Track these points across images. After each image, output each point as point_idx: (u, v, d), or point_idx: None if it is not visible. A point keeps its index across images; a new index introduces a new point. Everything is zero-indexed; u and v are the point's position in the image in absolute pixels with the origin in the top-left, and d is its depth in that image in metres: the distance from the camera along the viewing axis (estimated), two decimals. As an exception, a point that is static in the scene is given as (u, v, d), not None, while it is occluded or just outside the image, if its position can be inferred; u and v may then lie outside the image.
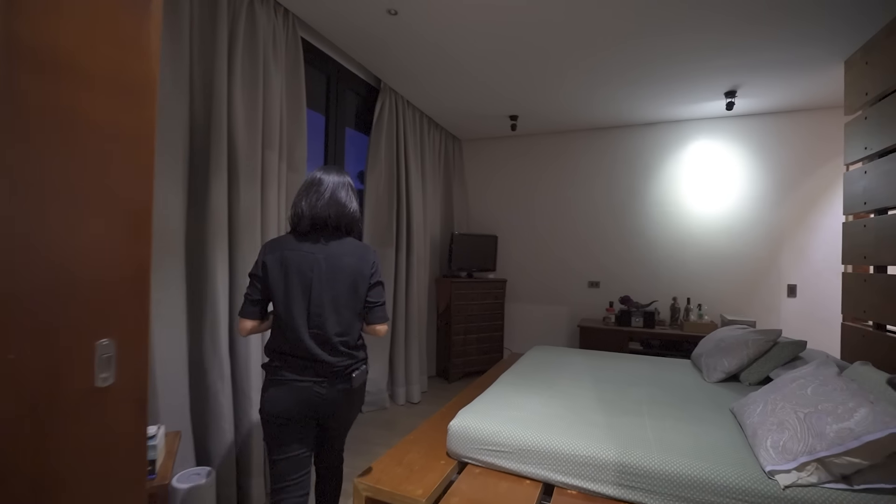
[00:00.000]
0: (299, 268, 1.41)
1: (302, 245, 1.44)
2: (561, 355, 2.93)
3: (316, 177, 1.51)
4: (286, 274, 1.40)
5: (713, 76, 3.18)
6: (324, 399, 1.41)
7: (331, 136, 3.01)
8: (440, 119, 4.23)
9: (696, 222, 4.11)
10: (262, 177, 2.10)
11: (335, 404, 1.43)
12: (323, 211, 1.45)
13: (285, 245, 1.45)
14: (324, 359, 1.39)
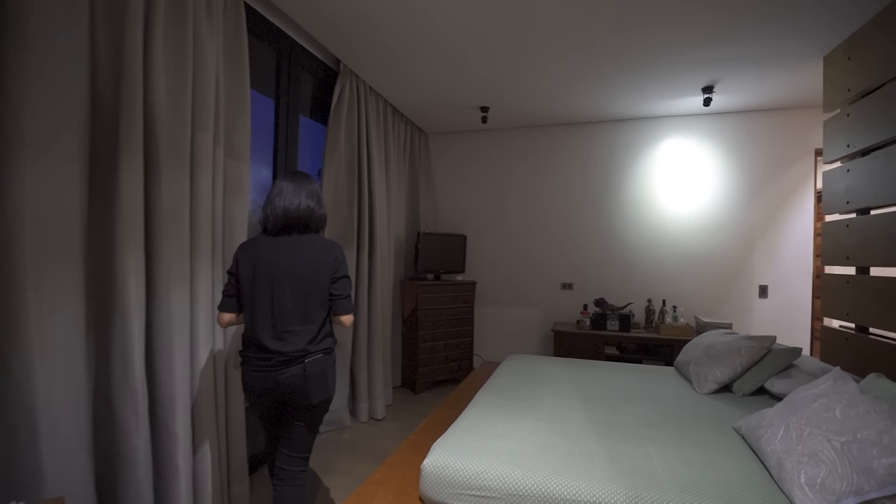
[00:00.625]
0: (266, 265, 1.56)
1: (271, 243, 1.60)
2: (539, 366, 2.70)
3: (285, 181, 1.65)
4: (255, 271, 1.56)
5: (692, 70, 3.04)
6: (281, 383, 1.54)
7: (281, 124, 2.64)
8: (406, 109, 3.91)
9: (671, 222, 4.01)
10: (193, 162, 1.72)
11: (291, 387, 1.54)
12: (294, 212, 1.60)
13: (258, 244, 1.60)
14: (278, 349, 1.53)
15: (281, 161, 2.62)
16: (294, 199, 1.61)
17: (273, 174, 2.62)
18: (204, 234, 1.76)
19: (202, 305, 1.75)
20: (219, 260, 1.88)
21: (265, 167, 2.63)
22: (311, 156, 3.13)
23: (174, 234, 1.62)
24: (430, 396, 3.76)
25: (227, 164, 1.94)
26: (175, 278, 1.62)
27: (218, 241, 1.87)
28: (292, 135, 2.71)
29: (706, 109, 3.76)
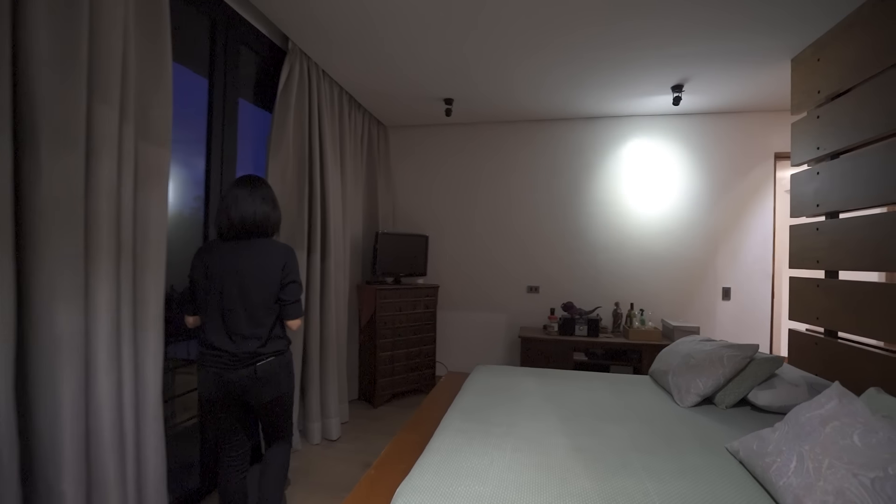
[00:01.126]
0: (219, 270, 1.62)
1: (224, 248, 1.65)
2: (509, 379, 2.48)
3: (239, 188, 1.67)
4: (207, 275, 1.62)
5: (662, 67, 2.94)
6: (233, 382, 1.62)
7: (217, 107, 2.27)
8: (363, 98, 3.60)
9: (637, 223, 3.93)
10: (89, 143, 1.36)
11: (243, 387, 1.63)
12: (250, 220, 1.65)
13: (212, 249, 1.66)
14: (228, 349, 1.61)
15: (217, 151, 2.25)
16: (250, 207, 1.65)
17: (207, 165, 2.25)
18: (106, 235, 1.40)
19: (103, 325, 1.38)
20: (127, 266, 1.51)
21: (201, 158, 2.26)
22: (254, 146, 2.76)
23: (61, 235, 1.26)
24: (390, 411, 3.47)
25: (139, 148, 1.58)
26: (61, 290, 1.25)
27: (127, 243, 1.51)
28: (230, 121, 2.35)
29: (673, 110, 3.70)
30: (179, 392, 2.27)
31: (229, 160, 2.32)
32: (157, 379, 1.62)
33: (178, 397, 2.26)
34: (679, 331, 3.42)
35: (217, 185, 2.25)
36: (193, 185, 2.27)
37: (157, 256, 1.64)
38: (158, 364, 1.63)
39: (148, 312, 1.60)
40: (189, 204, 2.30)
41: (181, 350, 2.27)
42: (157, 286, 1.64)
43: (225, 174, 2.29)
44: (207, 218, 2.21)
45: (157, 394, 1.63)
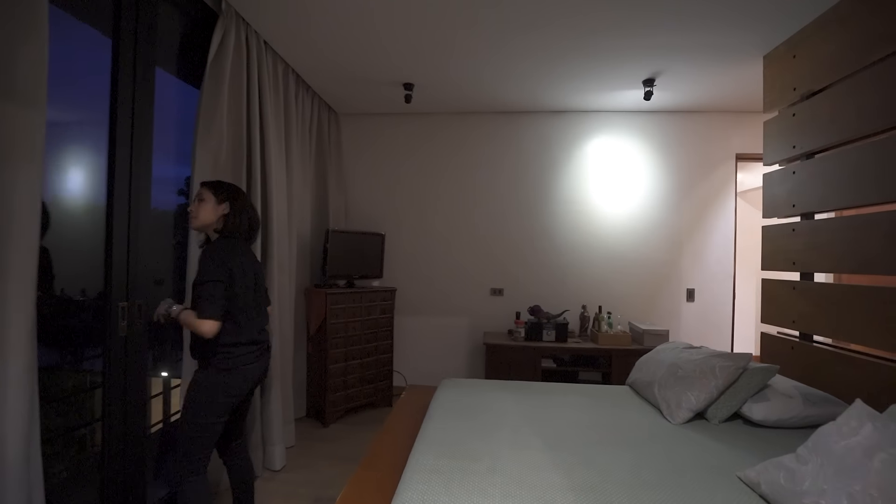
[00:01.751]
0: (248, 269, 1.72)
1: (246, 250, 1.76)
2: (481, 396, 2.21)
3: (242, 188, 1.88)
4: (245, 276, 1.69)
5: (635, 59, 2.81)
6: (263, 370, 1.79)
7: (124, 75, 1.80)
8: (313, 79, 3.20)
9: (604, 223, 3.80)
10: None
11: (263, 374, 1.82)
12: (258, 224, 1.86)
13: (240, 251, 1.72)
14: (265, 339, 1.81)
15: (124, 129, 1.79)
16: (257, 214, 1.87)
17: (111, 145, 1.78)
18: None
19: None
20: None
21: (102, 138, 1.79)
22: (176, 129, 2.31)
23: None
24: (343, 430, 3.10)
25: None
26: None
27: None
28: (144, 93, 1.89)
29: (641, 107, 3.60)
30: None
31: (142, 143, 1.86)
32: (24, 429, 1.19)
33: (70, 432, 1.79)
34: (648, 335, 3.31)
35: (125, 174, 1.78)
36: (97, 170, 1.81)
37: (24, 260, 1.20)
38: (26, 406, 1.19)
39: (8, 336, 1.17)
40: (101, 198, 1.83)
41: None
42: (24, 300, 1.20)
43: (136, 161, 1.83)
44: (110, 213, 1.74)
45: (20, 458, 1.20)
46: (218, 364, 1.62)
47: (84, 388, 1.84)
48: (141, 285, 1.84)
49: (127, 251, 1.78)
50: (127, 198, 1.78)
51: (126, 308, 1.77)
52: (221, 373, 1.62)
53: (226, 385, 1.62)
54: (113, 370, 1.74)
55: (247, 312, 1.68)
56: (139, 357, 1.86)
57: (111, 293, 1.72)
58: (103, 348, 1.75)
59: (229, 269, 1.60)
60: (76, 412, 1.83)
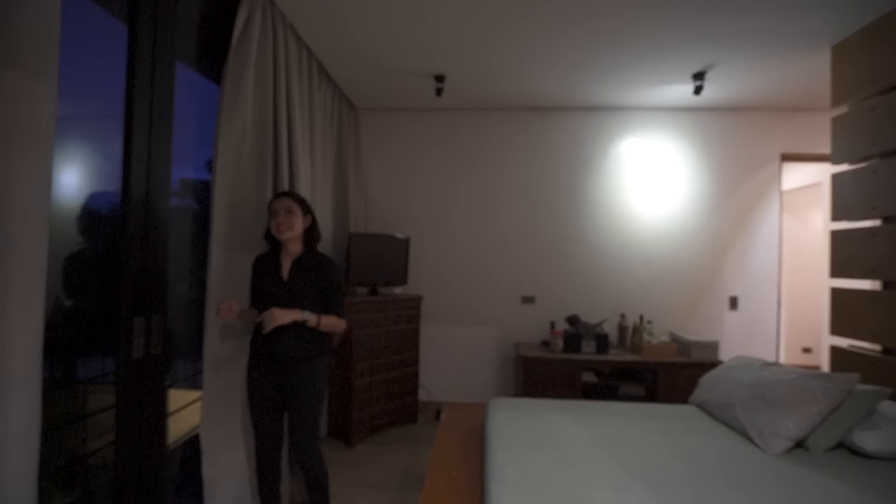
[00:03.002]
0: None
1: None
2: (539, 419, 1.96)
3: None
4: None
5: (686, 50, 2.59)
6: None
7: (141, 66, 1.53)
8: (335, 69, 2.95)
9: (641, 226, 3.58)
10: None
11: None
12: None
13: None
14: None
15: (142, 127, 1.51)
16: None
17: (127, 141, 1.51)
18: None
19: None
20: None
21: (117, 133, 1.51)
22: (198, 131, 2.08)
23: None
24: (370, 452, 2.83)
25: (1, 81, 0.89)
26: None
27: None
28: (164, 87, 1.62)
29: (683, 104, 3.38)
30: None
31: (160, 141, 1.60)
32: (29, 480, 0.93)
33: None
34: (696, 346, 3.08)
35: (142, 175, 1.52)
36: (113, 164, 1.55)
37: (30, 265, 0.95)
38: (29, 466, 0.93)
39: (13, 363, 0.91)
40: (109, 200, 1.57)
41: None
42: (30, 314, 0.95)
43: (155, 161, 1.57)
44: (125, 219, 1.48)
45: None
46: (328, 351, 1.90)
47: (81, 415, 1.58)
48: (158, 297, 1.58)
49: (142, 259, 1.52)
50: (144, 200, 1.52)
51: (142, 325, 1.51)
52: (329, 357, 1.92)
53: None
54: (126, 394, 1.48)
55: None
56: (156, 379, 1.59)
57: (124, 307, 1.45)
58: (115, 371, 1.48)
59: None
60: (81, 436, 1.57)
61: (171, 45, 1.65)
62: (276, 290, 1.79)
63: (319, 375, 1.84)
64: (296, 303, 1.75)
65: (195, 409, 2.01)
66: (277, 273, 1.83)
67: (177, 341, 2.00)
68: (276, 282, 1.81)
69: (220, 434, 1.88)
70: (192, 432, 1.98)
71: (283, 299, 1.76)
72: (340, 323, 1.85)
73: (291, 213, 1.80)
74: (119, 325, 1.45)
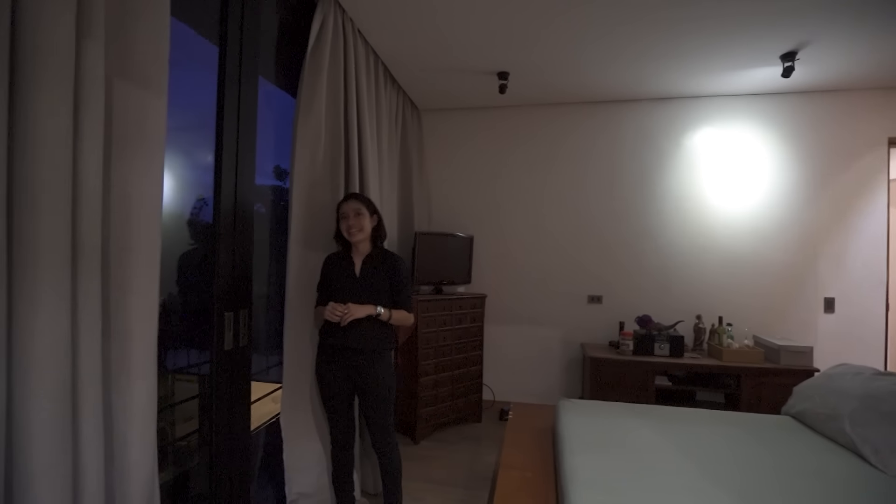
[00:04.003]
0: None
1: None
2: (614, 422, 1.89)
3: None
4: None
5: (774, 28, 2.37)
6: None
7: (230, 82, 1.64)
8: (398, 71, 3.01)
9: (719, 222, 3.34)
10: (78, 85, 0.79)
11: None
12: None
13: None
14: None
15: (230, 139, 1.63)
16: None
17: (218, 155, 1.63)
18: (55, 229, 0.81)
19: (46, 379, 0.79)
20: (94, 273, 0.92)
21: (206, 148, 1.64)
22: (275, 143, 2.21)
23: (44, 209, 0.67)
24: (435, 448, 2.87)
25: (127, 94, 0.99)
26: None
27: (87, 237, 0.91)
28: (248, 99, 1.73)
29: (768, 89, 3.12)
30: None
31: (246, 151, 1.71)
32: (150, 464, 1.02)
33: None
34: (786, 352, 2.82)
35: (230, 183, 1.64)
36: (196, 181, 1.69)
37: (146, 263, 1.04)
38: (149, 438, 1.03)
39: (131, 352, 1.00)
40: (190, 204, 1.72)
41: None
42: (147, 309, 1.04)
43: (242, 170, 1.69)
44: (216, 223, 1.60)
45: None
46: (393, 346, 1.91)
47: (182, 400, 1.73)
48: (245, 294, 1.69)
49: (232, 258, 1.63)
50: (232, 205, 1.63)
51: (232, 319, 1.62)
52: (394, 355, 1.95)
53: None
54: (219, 382, 1.59)
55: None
56: (244, 369, 1.71)
57: (218, 302, 1.57)
58: (210, 361, 1.61)
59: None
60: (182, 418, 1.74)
61: (255, 62, 1.76)
62: (350, 287, 1.85)
63: (388, 367, 1.89)
64: (369, 298, 1.82)
65: (264, 400, 2.14)
66: (350, 270, 1.89)
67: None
68: (349, 279, 1.87)
69: (299, 423, 1.98)
70: (262, 422, 2.13)
71: (357, 295, 1.82)
72: (409, 317, 1.91)
73: (360, 216, 1.86)
74: (213, 320, 1.57)
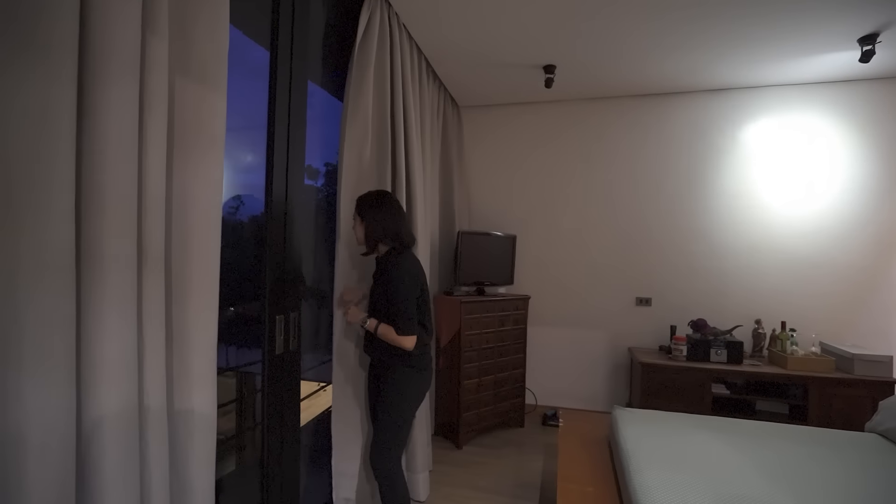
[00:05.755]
0: (423, 278, 1.80)
1: (415, 259, 1.80)
2: (681, 435, 1.76)
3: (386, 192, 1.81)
4: (426, 285, 1.80)
5: (853, 9, 2.16)
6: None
7: (281, 86, 1.60)
8: (441, 66, 2.94)
9: (779, 221, 3.12)
10: (144, 79, 0.76)
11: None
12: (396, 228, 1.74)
13: (414, 262, 1.77)
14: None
15: (281, 141, 1.60)
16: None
17: (269, 159, 1.59)
18: (121, 226, 0.77)
19: (101, 392, 0.76)
20: (158, 279, 0.88)
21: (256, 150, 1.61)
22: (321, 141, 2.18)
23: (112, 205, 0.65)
24: (477, 453, 2.79)
25: (185, 89, 0.95)
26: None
27: (154, 239, 0.88)
28: (299, 103, 1.68)
29: (839, 75, 2.88)
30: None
31: (296, 153, 1.67)
32: (208, 478, 0.99)
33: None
34: (861, 361, 2.60)
35: (282, 184, 1.61)
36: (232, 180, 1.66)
37: (206, 267, 1.01)
38: (210, 453, 0.99)
39: (191, 361, 0.97)
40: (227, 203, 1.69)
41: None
42: (207, 317, 1.01)
43: (292, 172, 1.66)
44: (268, 225, 1.56)
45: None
46: (415, 363, 1.72)
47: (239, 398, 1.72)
48: (295, 297, 1.66)
49: (283, 261, 1.60)
50: (283, 208, 1.60)
51: (283, 322, 1.59)
52: (419, 371, 1.74)
53: (422, 383, 1.76)
54: (270, 383, 1.57)
55: (429, 317, 1.80)
56: (295, 371, 1.68)
57: (269, 306, 1.54)
58: (261, 364, 1.59)
59: (420, 283, 1.72)
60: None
61: (304, 66, 1.72)
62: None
63: (394, 384, 1.71)
64: (371, 308, 1.78)
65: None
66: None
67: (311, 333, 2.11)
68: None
69: (349, 429, 1.95)
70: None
71: (370, 303, 1.80)
72: (396, 339, 1.64)
73: (355, 222, 1.77)
74: (264, 323, 1.54)
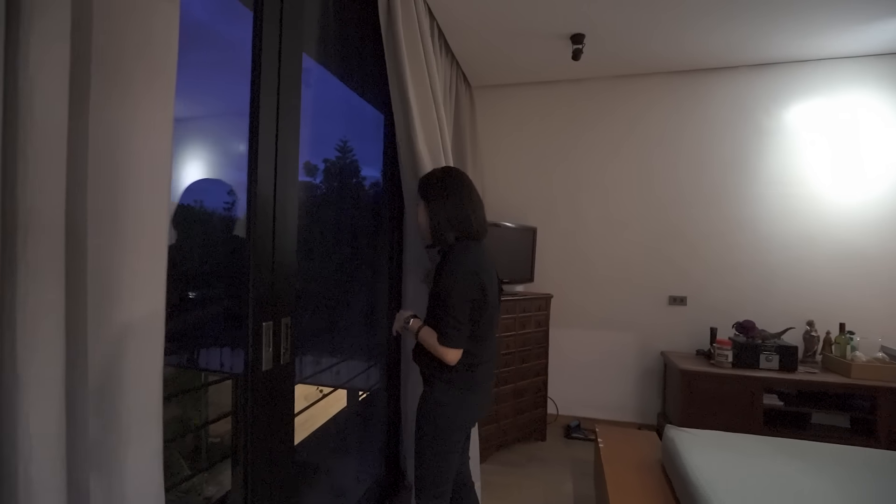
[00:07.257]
0: (490, 281, 1.40)
1: (480, 253, 1.42)
2: (759, 463, 1.45)
3: (460, 175, 1.49)
4: (493, 288, 1.41)
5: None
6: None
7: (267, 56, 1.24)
8: (455, 39, 2.62)
9: (832, 211, 2.80)
10: None
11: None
12: (464, 216, 1.42)
13: (482, 259, 1.41)
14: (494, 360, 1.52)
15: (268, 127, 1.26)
16: (481, 201, 1.49)
17: (251, 146, 1.26)
18: None
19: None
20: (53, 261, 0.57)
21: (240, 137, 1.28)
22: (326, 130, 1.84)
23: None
24: (498, 473, 2.48)
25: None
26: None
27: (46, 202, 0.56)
28: (290, 77, 1.36)
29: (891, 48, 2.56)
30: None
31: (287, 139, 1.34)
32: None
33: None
34: (937, 368, 2.29)
35: (269, 178, 1.28)
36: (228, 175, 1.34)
37: (147, 247, 0.70)
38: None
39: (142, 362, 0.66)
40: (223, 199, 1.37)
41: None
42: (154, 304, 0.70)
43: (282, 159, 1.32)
44: (250, 225, 1.24)
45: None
46: (456, 380, 1.39)
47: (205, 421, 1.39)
48: (287, 298, 1.35)
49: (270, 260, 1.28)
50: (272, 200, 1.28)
51: (271, 329, 1.28)
52: (462, 392, 1.40)
53: (465, 407, 1.40)
54: (255, 407, 1.25)
55: (491, 326, 1.44)
56: (287, 391, 1.37)
57: (253, 311, 1.22)
58: (237, 382, 1.27)
59: (481, 285, 1.34)
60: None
61: (298, 34, 1.39)
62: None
63: (428, 402, 1.41)
64: (427, 310, 1.45)
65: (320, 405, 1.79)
66: None
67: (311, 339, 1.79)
68: None
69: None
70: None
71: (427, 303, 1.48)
72: (436, 347, 1.35)
73: (420, 210, 1.49)
74: (247, 332, 1.22)
